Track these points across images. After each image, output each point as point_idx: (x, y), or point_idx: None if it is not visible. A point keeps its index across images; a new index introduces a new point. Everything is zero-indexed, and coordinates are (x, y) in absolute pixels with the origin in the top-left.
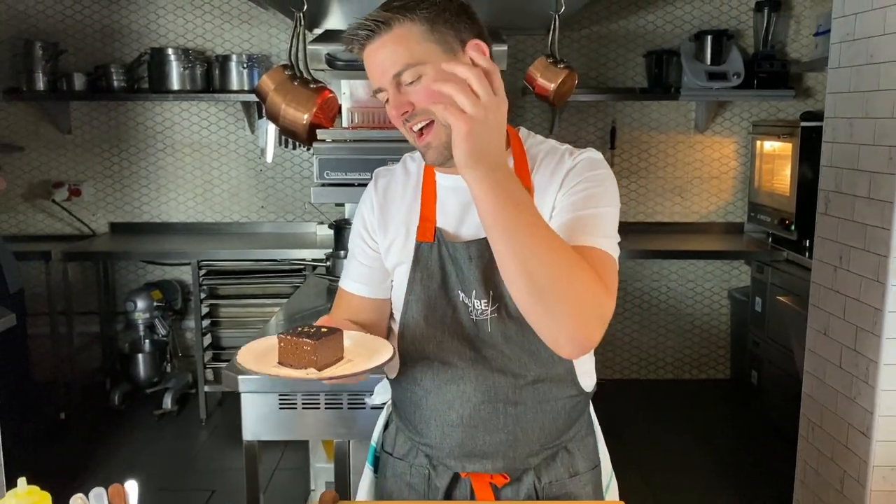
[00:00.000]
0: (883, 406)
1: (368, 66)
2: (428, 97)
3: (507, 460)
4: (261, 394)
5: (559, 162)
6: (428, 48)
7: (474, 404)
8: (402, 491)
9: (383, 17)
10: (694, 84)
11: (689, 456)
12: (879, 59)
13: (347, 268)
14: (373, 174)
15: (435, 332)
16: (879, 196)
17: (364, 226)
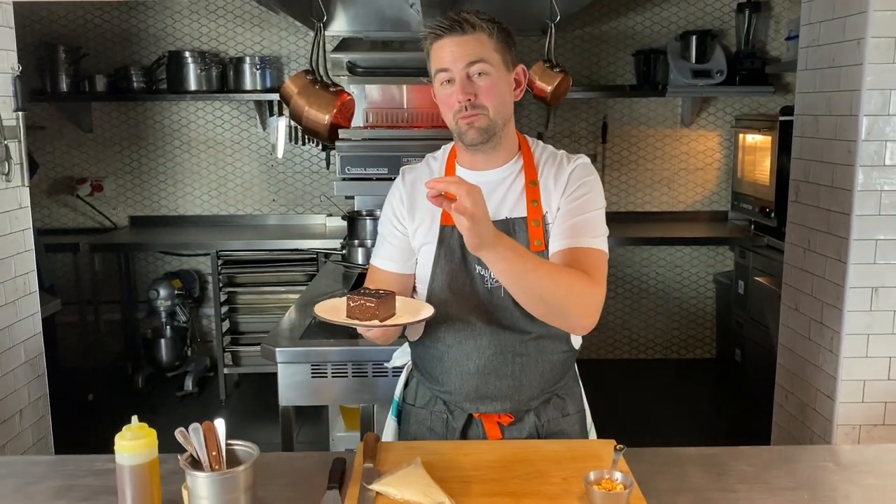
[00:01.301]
0: (845, 372)
1: (442, 52)
2: (488, 92)
3: (512, 402)
4: (295, 364)
5: (559, 167)
6: (496, 58)
7: (488, 355)
8: (424, 434)
9: (470, 20)
10: (680, 81)
11: (674, 425)
12: (840, 63)
13: (379, 249)
14: (400, 171)
15: (457, 298)
16: (840, 185)
17: (394, 213)
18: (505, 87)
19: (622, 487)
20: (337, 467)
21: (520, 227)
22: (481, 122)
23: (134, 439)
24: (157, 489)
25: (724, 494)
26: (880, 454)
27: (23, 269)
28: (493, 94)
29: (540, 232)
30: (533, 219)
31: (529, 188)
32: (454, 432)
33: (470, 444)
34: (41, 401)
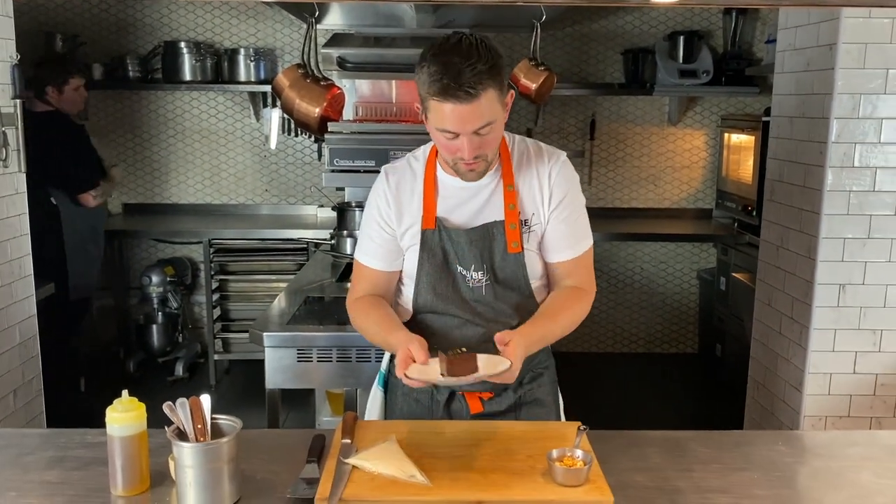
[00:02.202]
0: (812, 365)
1: (447, 115)
2: (492, 142)
3: (493, 384)
4: (282, 348)
5: (538, 164)
6: (497, 107)
7: (474, 343)
8: (410, 405)
9: (476, 86)
10: (667, 80)
11: (652, 418)
12: (814, 67)
13: (364, 245)
14: (382, 170)
15: (441, 297)
16: (811, 185)
17: (380, 214)
18: (502, 125)
19: (582, 464)
20: (317, 443)
21: (497, 230)
22: (481, 167)
23: (124, 412)
24: (146, 460)
25: (680, 474)
26: (831, 439)
27: (18, 253)
28: (494, 143)
29: (517, 234)
30: (510, 223)
31: (507, 192)
32: (438, 404)
33: (444, 423)
34: (35, 381)
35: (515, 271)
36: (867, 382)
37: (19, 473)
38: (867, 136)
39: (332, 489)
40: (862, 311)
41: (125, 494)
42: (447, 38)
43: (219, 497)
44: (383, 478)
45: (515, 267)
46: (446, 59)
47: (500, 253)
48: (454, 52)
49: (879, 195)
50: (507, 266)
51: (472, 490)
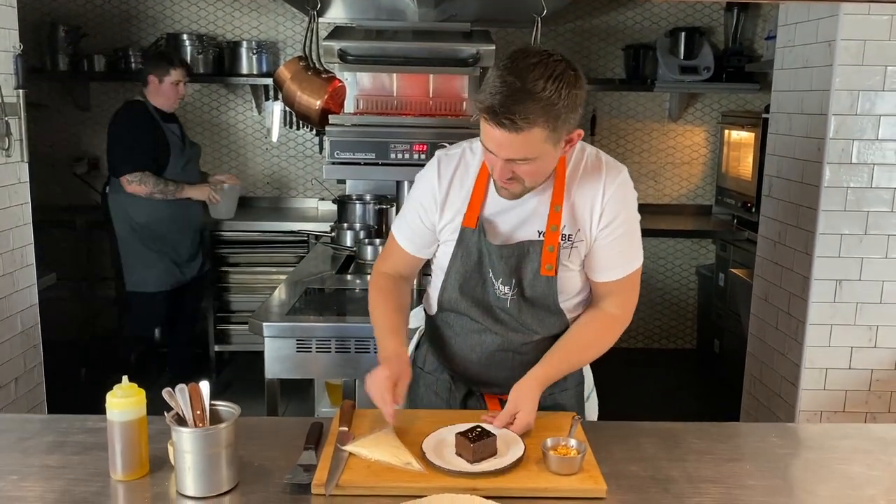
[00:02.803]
0: (808, 360)
1: (490, 136)
2: (528, 174)
3: (509, 388)
4: (281, 338)
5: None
6: (544, 148)
7: (491, 351)
8: (430, 397)
9: (526, 120)
10: (668, 77)
11: (650, 411)
12: (812, 64)
13: (403, 223)
14: (436, 156)
15: (467, 298)
16: (809, 181)
17: (422, 202)
18: (550, 162)
19: (576, 453)
20: (314, 430)
21: (534, 250)
22: (516, 189)
23: (124, 397)
24: (145, 445)
25: (673, 464)
26: (823, 432)
27: (20, 242)
28: (536, 175)
29: (553, 258)
30: (549, 244)
31: (552, 213)
32: (456, 400)
33: (442, 413)
34: (36, 370)
35: (545, 292)
36: (862, 378)
37: (20, 457)
38: (865, 132)
39: (328, 475)
40: (858, 306)
41: (125, 479)
42: (528, 53)
43: (217, 482)
44: (379, 465)
45: (546, 288)
46: (509, 77)
47: (532, 273)
48: (520, 72)
49: (877, 191)
50: (537, 286)
51: (466, 478)
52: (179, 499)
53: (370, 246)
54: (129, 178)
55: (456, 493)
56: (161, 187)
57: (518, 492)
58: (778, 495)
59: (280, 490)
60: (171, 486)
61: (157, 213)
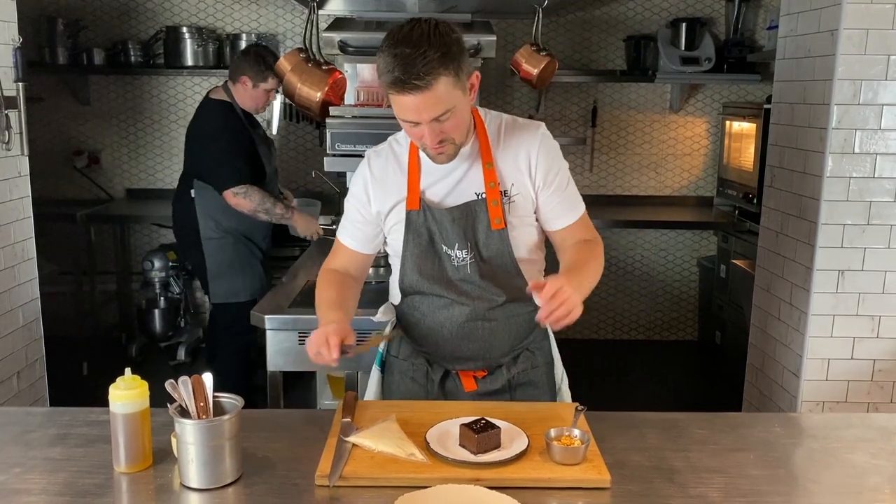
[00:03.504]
0: (810, 351)
1: (404, 106)
2: (454, 128)
3: (484, 361)
4: (283, 331)
5: (517, 139)
6: (455, 93)
7: (459, 323)
8: (406, 384)
9: (426, 75)
10: (669, 68)
11: (652, 402)
12: (815, 54)
13: (345, 222)
14: (365, 154)
15: (427, 277)
16: (812, 171)
17: (358, 198)
18: (466, 110)
19: (579, 443)
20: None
21: (480, 207)
22: (450, 150)
23: (127, 389)
24: (148, 437)
25: (676, 454)
26: (826, 422)
27: (21, 236)
28: (459, 127)
29: (499, 211)
30: (492, 199)
31: (486, 170)
32: (433, 383)
33: (443, 404)
34: (38, 363)
35: (500, 248)
36: (865, 368)
37: (23, 450)
38: (868, 122)
39: (332, 466)
40: (860, 297)
41: (128, 471)
42: (401, 27)
43: (220, 473)
44: (383, 456)
45: (500, 244)
46: (397, 49)
47: (484, 230)
48: (405, 42)
49: (879, 181)
50: (491, 243)
51: (470, 468)
52: (183, 490)
53: None
54: (235, 191)
55: (460, 484)
56: (268, 206)
57: (522, 482)
58: (781, 485)
59: (284, 481)
60: (175, 477)
61: (243, 216)
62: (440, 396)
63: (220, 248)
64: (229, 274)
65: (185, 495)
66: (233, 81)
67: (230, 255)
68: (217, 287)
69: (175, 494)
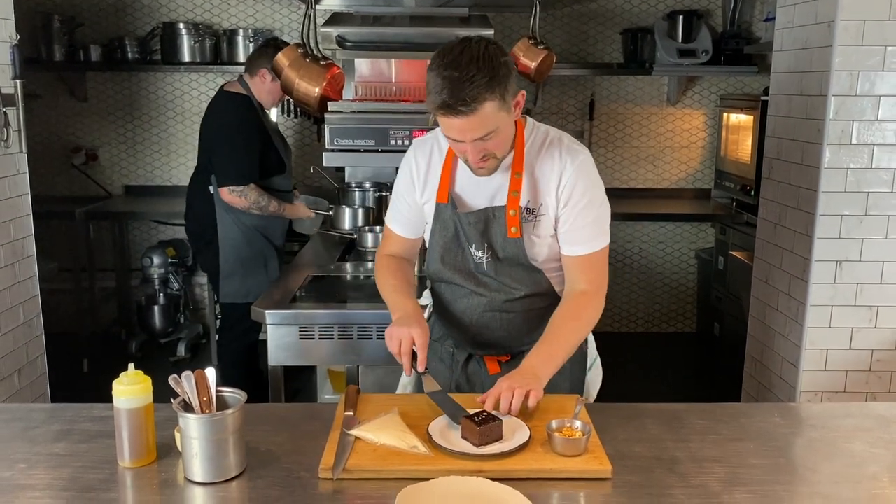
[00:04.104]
0: (808, 341)
1: (450, 126)
2: (497, 146)
3: (506, 349)
4: (284, 326)
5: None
6: (499, 116)
7: (479, 312)
8: (434, 363)
9: (472, 100)
10: (666, 60)
11: (651, 394)
12: (812, 45)
13: (393, 211)
14: (412, 143)
15: (449, 267)
16: (809, 162)
17: (406, 185)
18: (510, 128)
19: (581, 434)
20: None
21: (499, 214)
22: (492, 164)
23: (130, 385)
24: (152, 431)
25: (677, 444)
26: (826, 411)
27: (21, 234)
28: (502, 144)
29: (516, 220)
30: (511, 208)
31: (513, 179)
32: (457, 364)
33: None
34: (39, 360)
35: (516, 253)
36: (863, 358)
37: (27, 446)
38: (865, 113)
39: (335, 459)
40: (858, 287)
41: (132, 466)
42: (452, 48)
43: (224, 468)
44: (386, 448)
45: (516, 249)
46: (446, 72)
47: (501, 236)
48: (454, 65)
49: (877, 172)
50: (507, 248)
51: (472, 460)
52: (187, 485)
53: (370, 233)
54: (232, 189)
55: (462, 476)
56: (262, 204)
57: (524, 473)
58: (781, 474)
59: (287, 475)
60: (179, 472)
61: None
62: (462, 378)
63: (235, 245)
64: (241, 273)
65: (189, 489)
66: (250, 75)
67: (245, 254)
68: (227, 287)
69: (179, 489)
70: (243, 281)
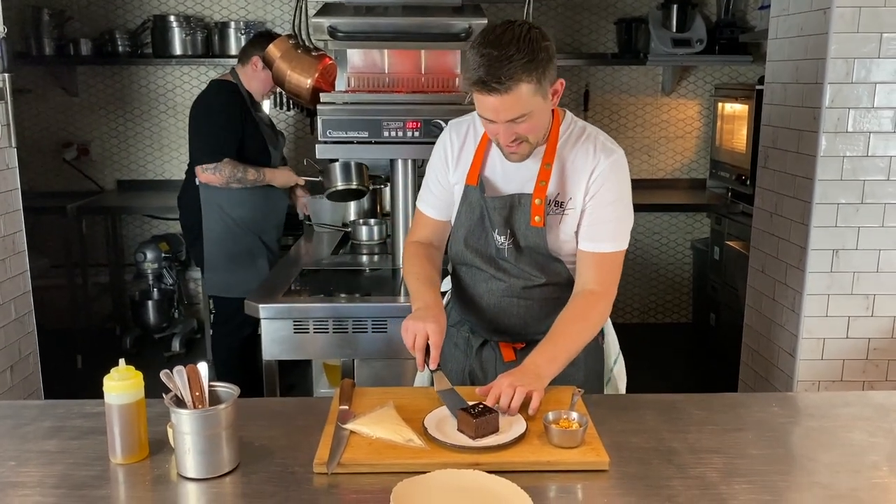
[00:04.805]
0: (805, 330)
1: (484, 105)
2: (530, 130)
3: (521, 336)
4: (278, 320)
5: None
6: (535, 99)
7: (498, 297)
8: (449, 347)
9: (508, 78)
10: (661, 50)
11: (648, 385)
12: (807, 32)
13: (424, 194)
14: (448, 124)
15: (471, 250)
16: (805, 151)
17: (439, 166)
18: (545, 115)
19: (577, 426)
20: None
21: (525, 202)
22: (524, 149)
23: (121, 380)
24: (144, 427)
25: (675, 435)
26: (824, 400)
27: (11, 229)
28: (535, 130)
29: (541, 210)
30: (537, 197)
31: (543, 169)
32: (472, 349)
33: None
34: (31, 356)
35: (537, 243)
36: (860, 347)
37: (18, 443)
38: (861, 100)
39: (330, 454)
40: (855, 275)
41: (124, 462)
42: (495, 27)
43: (217, 463)
44: (381, 442)
45: (537, 239)
46: (486, 50)
47: (524, 224)
48: (494, 43)
49: (873, 160)
50: (529, 236)
51: (468, 453)
52: (180, 481)
53: (365, 226)
54: (205, 167)
55: (459, 469)
56: (239, 176)
57: (521, 466)
58: (780, 464)
59: (282, 470)
60: (172, 468)
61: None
62: (476, 364)
63: (221, 240)
64: (225, 268)
65: (182, 485)
66: (242, 64)
67: (231, 249)
68: (211, 279)
69: (172, 485)
70: (228, 275)
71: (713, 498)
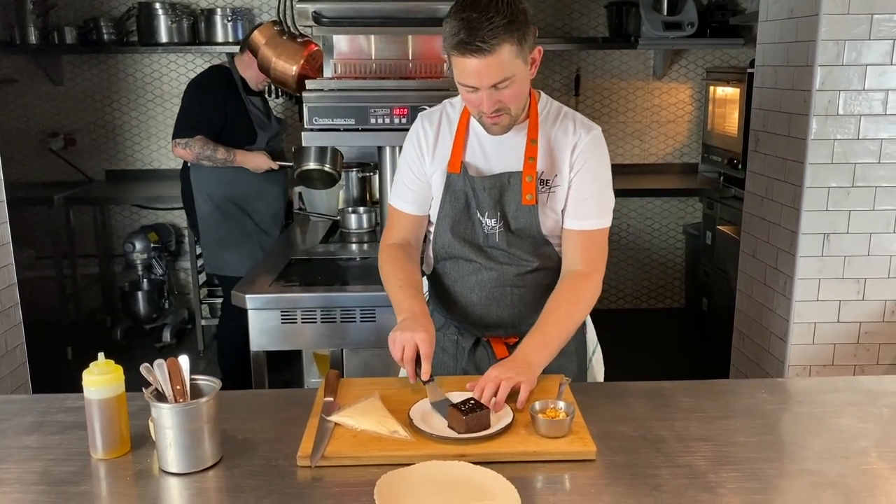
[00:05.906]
0: (796, 315)
1: (466, 70)
2: (512, 97)
3: (514, 329)
4: (266, 310)
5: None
6: (516, 63)
7: (489, 288)
8: (437, 353)
9: (491, 40)
10: (652, 33)
11: (640, 371)
12: (798, 14)
13: (398, 190)
14: (418, 116)
15: (459, 240)
16: (796, 134)
17: (413, 157)
18: (525, 82)
19: (564, 415)
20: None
21: (514, 180)
22: (505, 121)
23: (101, 374)
24: (125, 422)
25: (663, 423)
26: (813, 386)
27: None
28: (517, 97)
29: (532, 187)
30: (527, 174)
31: (529, 146)
32: (463, 351)
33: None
34: (18, 349)
35: (529, 223)
36: (851, 331)
37: None
38: (851, 83)
39: (314, 446)
40: (846, 259)
41: (105, 457)
42: None
43: (200, 457)
44: (366, 434)
45: (529, 219)
46: (465, 14)
47: (515, 203)
48: (472, 7)
49: (864, 143)
50: (520, 216)
51: (454, 444)
52: (162, 475)
53: (354, 214)
54: (178, 141)
55: (444, 460)
56: (209, 153)
57: (507, 456)
58: (769, 451)
59: (265, 463)
60: (154, 462)
61: (241, 186)
62: (469, 365)
63: (212, 221)
64: (217, 246)
65: (164, 480)
66: (240, 52)
67: (222, 230)
68: (208, 256)
69: (154, 479)
70: (221, 253)
71: (701, 486)
